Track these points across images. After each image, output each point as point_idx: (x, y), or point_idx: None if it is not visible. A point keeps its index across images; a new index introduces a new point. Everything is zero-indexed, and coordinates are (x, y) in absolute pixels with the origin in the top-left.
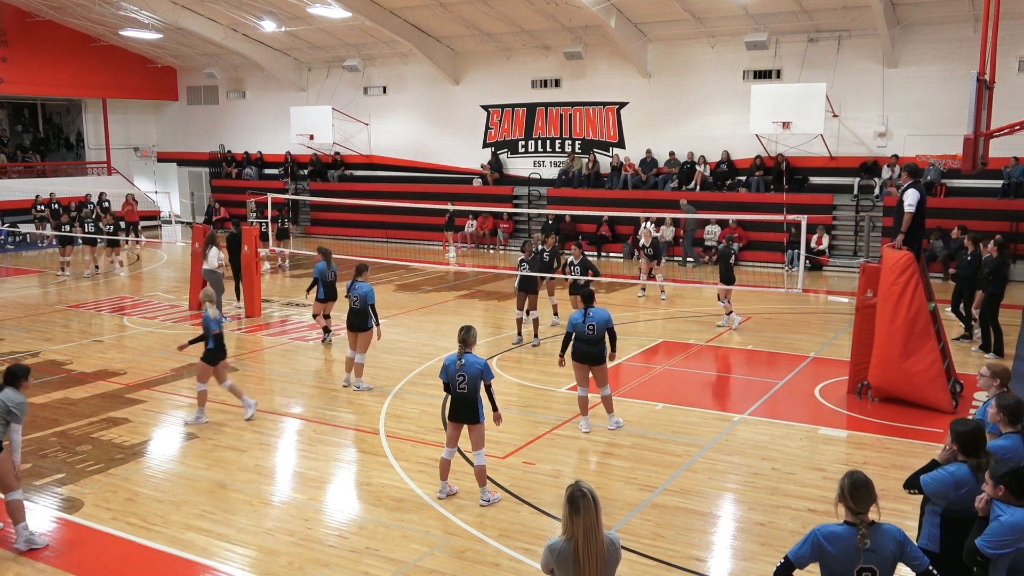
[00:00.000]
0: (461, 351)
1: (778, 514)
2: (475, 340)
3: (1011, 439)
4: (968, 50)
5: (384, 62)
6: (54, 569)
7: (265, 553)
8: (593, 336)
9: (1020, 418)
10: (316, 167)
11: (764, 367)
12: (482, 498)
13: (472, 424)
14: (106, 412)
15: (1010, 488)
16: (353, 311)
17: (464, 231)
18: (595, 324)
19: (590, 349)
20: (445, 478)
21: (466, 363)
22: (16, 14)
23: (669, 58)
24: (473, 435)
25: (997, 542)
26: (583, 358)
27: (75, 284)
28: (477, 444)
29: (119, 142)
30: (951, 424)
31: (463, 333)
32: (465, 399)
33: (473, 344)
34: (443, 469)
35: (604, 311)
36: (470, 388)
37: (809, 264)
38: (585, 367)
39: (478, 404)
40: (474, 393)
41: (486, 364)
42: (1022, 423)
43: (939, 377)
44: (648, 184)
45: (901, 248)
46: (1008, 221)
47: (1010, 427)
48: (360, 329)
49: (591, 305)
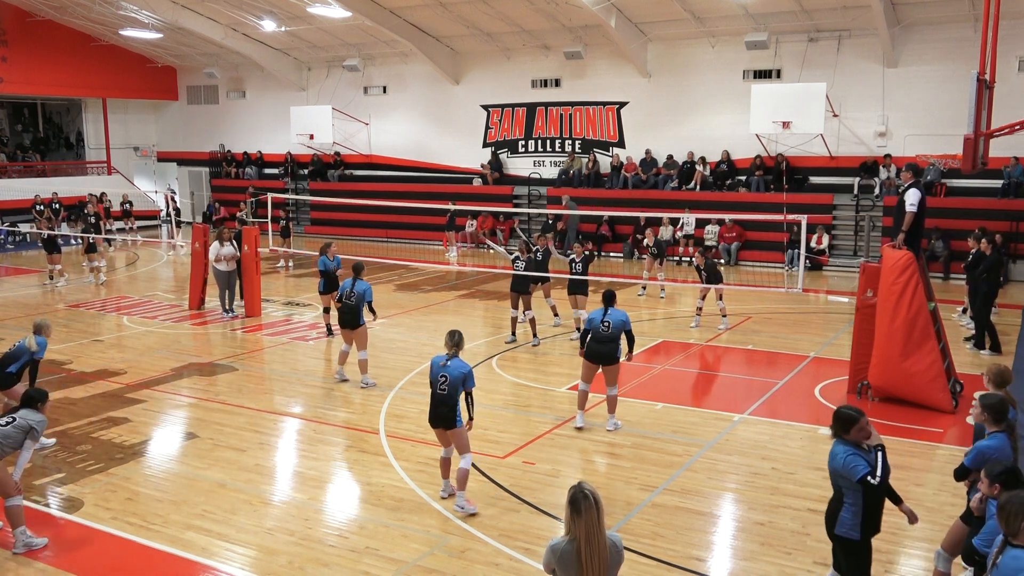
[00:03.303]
0: (451, 354)
1: (778, 514)
2: (461, 344)
3: (998, 438)
4: (968, 50)
5: (384, 62)
6: (54, 569)
7: (265, 553)
8: (607, 334)
9: (1005, 416)
10: (316, 167)
11: (764, 367)
12: (457, 503)
13: (449, 429)
14: (106, 412)
15: (1005, 486)
16: (348, 307)
17: (464, 231)
18: (611, 322)
19: (601, 348)
20: (447, 476)
21: (451, 365)
22: (16, 14)
23: (669, 58)
24: (455, 440)
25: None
26: (592, 356)
27: (73, 286)
28: (462, 449)
29: (119, 142)
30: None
31: (455, 338)
32: (442, 400)
33: (460, 348)
34: (443, 468)
35: (623, 312)
36: (449, 390)
37: (809, 264)
38: (593, 366)
39: (456, 409)
40: (453, 397)
41: (471, 371)
42: (1008, 421)
43: (939, 377)
44: (648, 184)
45: (902, 248)
46: (1008, 221)
47: (996, 426)
48: (351, 326)
49: (612, 305)
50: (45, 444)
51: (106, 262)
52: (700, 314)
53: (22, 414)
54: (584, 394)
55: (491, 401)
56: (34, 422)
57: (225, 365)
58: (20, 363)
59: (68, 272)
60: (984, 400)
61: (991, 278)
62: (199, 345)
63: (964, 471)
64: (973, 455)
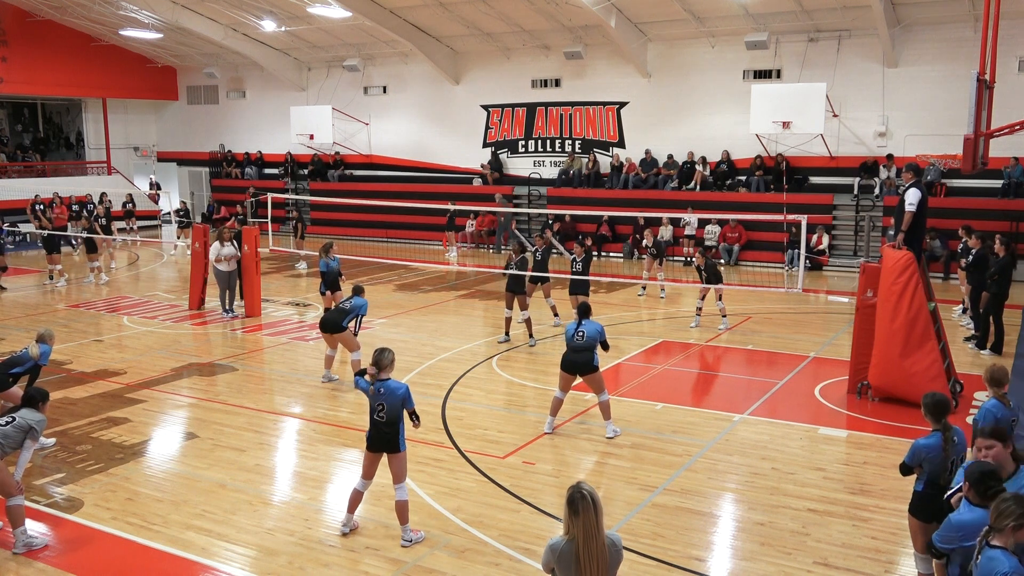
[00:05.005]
0: (376, 376)
1: (778, 514)
2: (391, 363)
3: (934, 436)
4: (968, 50)
5: (384, 62)
6: (54, 569)
7: (265, 553)
8: (581, 344)
9: (943, 417)
10: (316, 167)
11: (764, 367)
12: (404, 537)
13: (392, 454)
14: (106, 412)
15: (973, 486)
16: (337, 311)
17: (464, 231)
18: (585, 332)
19: (576, 358)
20: (352, 511)
21: (386, 391)
22: (16, 14)
23: (669, 58)
24: (394, 466)
25: (945, 537)
26: (568, 367)
27: (73, 285)
28: (398, 476)
29: (119, 142)
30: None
31: (379, 356)
32: (384, 426)
33: (388, 368)
34: (354, 501)
35: (598, 324)
36: (389, 417)
37: (809, 264)
38: (570, 376)
39: (399, 433)
40: (395, 422)
41: (407, 390)
42: (944, 422)
43: (939, 377)
44: (648, 184)
45: (901, 247)
46: (1008, 221)
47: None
48: (333, 330)
49: (587, 317)
50: (45, 444)
51: (102, 263)
52: (700, 314)
53: (22, 414)
54: (558, 401)
55: (491, 401)
56: (34, 422)
57: (225, 365)
58: (23, 369)
59: (68, 272)
60: (923, 399)
61: (1001, 280)
62: (199, 345)
63: (906, 467)
64: (911, 452)
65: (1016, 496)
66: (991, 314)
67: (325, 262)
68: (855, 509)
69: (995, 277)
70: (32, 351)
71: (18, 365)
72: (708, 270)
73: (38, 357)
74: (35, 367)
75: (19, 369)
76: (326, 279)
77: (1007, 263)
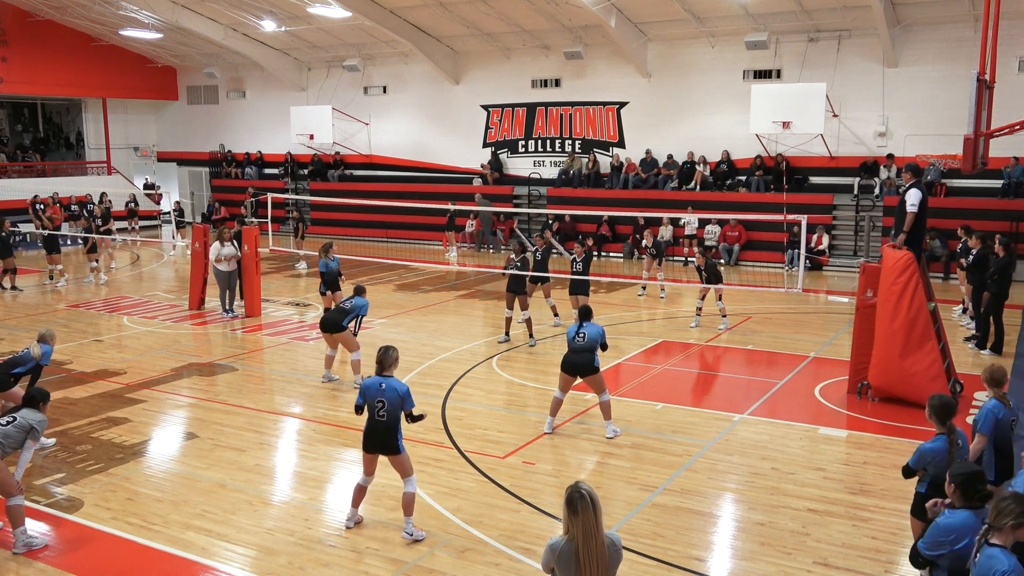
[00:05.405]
0: (379, 372)
1: (778, 514)
2: (395, 362)
3: (939, 440)
4: (968, 50)
5: (384, 62)
6: (54, 569)
7: (265, 553)
8: (582, 344)
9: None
10: (316, 167)
11: (764, 367)
12: (405, 530)
13: (392, 455)
14: (106, 412)
15: (959, 488)
16: (338, 310)
17: (464, 231)
18: (586, 334)
19: (576, 359)
20: (356, 506)
21: (387, 388)
22: (16, 14)
23: (669, 58)
24: (396, 466)
25: (933, 543)
26: (568, 368)
27: (73, 285)
28: (405, 473)
29: (119, 142)
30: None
31: (383, 353)
32: (383, 427)
33: (392, 367)
34: (356, 496)
35: (599, 327)
36: (390, 416)
37: (809, 264)
38: (570, 378)
39: (397, 433)
40: (394, 421)
41: (408, 391)
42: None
43: (939, 377)
44: (648, 184)
45: (902, 248)
46: (1008, 221)
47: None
48: (333, 330)
49: (588, 320)
50: (45, 444)
51: (102, 263)
52: (700, 314)
53: (23, 414)
54: (558, 402)
55: (491, 401)
56: (35, 422)
57: (225, 365)
58: (25, 369)
59: (68, 272)
60: (930, 401)
61: (1001, 280)
62: (199, 345)
63: (909, 471)
64: (916, 456)
65: (1016, 495)
66: (991, 314)
67: (324, 262)
68: (855, 509)
69: (995, 277)
70: (34, 351)
71: (20, 365)
72: (708, 270)
73: (40, 357)
74: (37, 367)
75: (21, 369)
76: (325, 279)
77: (1007, 263)
